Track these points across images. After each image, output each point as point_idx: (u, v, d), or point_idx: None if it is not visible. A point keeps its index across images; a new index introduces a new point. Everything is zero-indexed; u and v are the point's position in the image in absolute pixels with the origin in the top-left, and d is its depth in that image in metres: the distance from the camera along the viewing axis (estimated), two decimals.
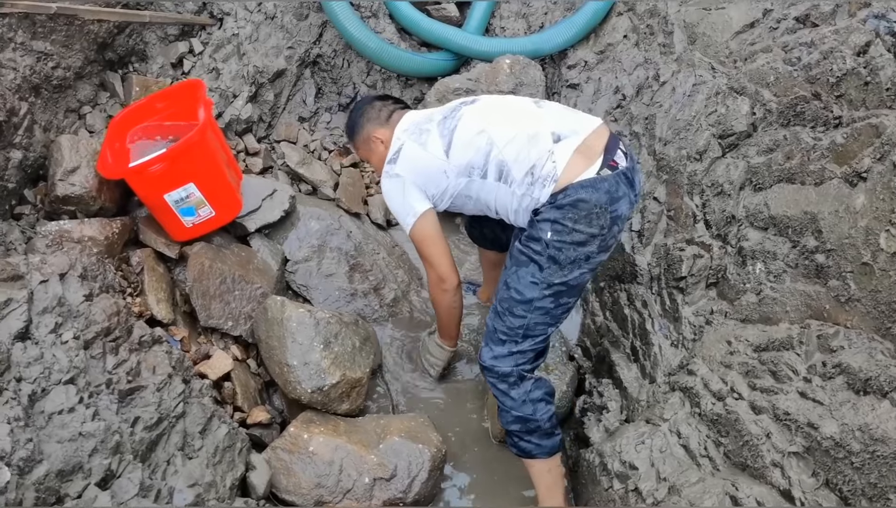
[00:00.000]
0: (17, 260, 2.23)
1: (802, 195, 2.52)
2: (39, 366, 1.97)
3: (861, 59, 2.50)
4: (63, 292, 2.23)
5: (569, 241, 2.43)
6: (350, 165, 3.74)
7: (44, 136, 3.02)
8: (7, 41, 2.85)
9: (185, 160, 2.75)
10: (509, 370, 2.53)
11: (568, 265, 2.46)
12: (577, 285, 2.54)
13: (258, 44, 3.64)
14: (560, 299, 2.52)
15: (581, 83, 3.91)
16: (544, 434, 2.58)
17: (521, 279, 2.49)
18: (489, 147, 2.48)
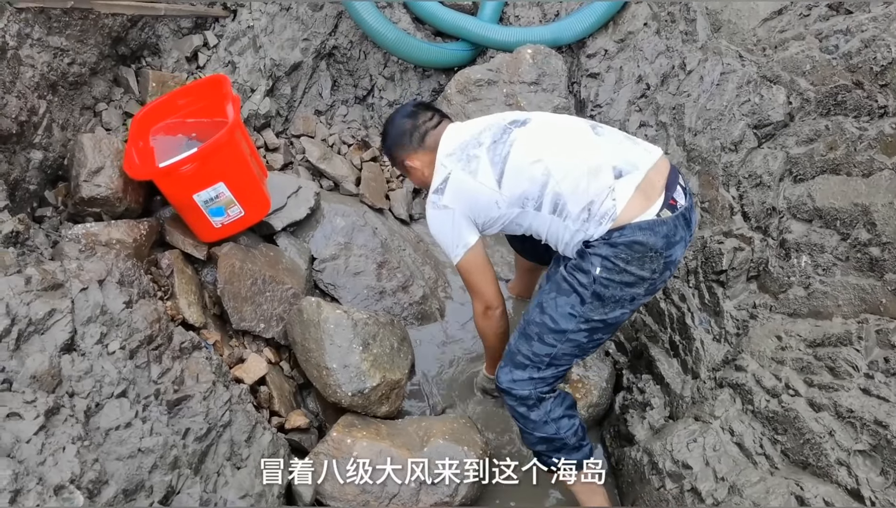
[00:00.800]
0: (54, 267, 2.15)
1: (850, 187, 2.49)
2: (90, 380, 1.90)
3: None
4: (104, 299, 2.15)
5: (617, 280, 2.32)
6: (370, 159, 3.66)
7: (62, 135, 2.92)
8: (24, 37, 2.74)
9: (216, 160, 2.67)
10: (527, 393, 2.45)
11: (611, 304, 2.36)
12: (615, 324, 2.46)
13: (274, 36, 3.55)
14: (594, 335, 2.43)
15: (602, 72, 3.85)
16: (572, 450, 2.52)
17: (558, 308, 2.38)
18: (545, 178, 2.31)
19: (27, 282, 1.98)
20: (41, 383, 1.77)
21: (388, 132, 2.59)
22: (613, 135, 2.49)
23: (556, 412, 2.48)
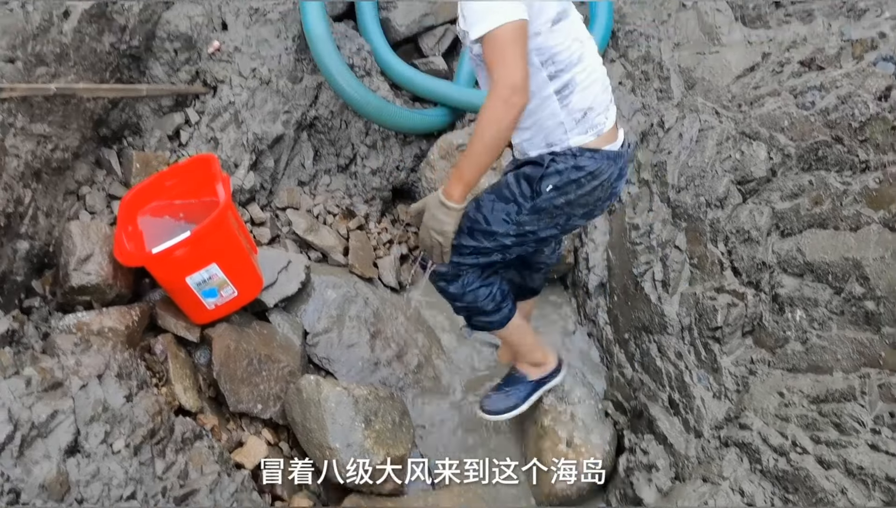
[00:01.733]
0: (52, 364, 2.11)
1: (840, 241, 2.54)
2: (98, 483, 1.85)
3: (885, 104, 2.55)
4: (104, 395, 2.11)
5: (562, 202, 2.34)
6: (357, 227, 3.66)
7: (47, 222, 2.88)
8: (8, 127, 2.71)
9: (208, 242, 2.64)
10: (445, 270, 2.54)
11: (546, 219, 2.39)
12: (545, 239, 2.53)
13: (255, 110, 3.56)
14: (522, 242, 2.47)
15: None
16: (491, 312, 2.67)
17: (494, 211, 2.38)
18: (576, 59, 2.22)
19: (27, 384, 1.93)
20: (50, 492, 1.72)
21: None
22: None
23: (473, 284, 2.58)
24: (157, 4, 3.41)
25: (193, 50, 3.54)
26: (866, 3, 3.35)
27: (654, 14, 3.96)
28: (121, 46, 3.26)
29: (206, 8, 3.63)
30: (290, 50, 3.71)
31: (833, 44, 3.07)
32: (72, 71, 3.04)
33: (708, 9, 3.86)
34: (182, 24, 3.49)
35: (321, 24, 3.61)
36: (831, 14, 3.47)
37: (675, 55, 3.76)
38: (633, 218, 3.41)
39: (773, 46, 3.41)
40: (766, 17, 3.82)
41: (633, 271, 3.29)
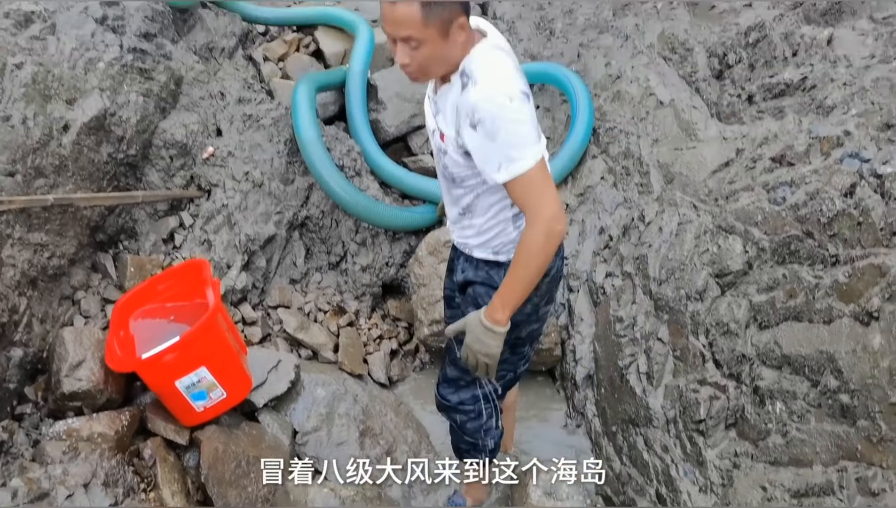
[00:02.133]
0: (39, 474, 2.15)
1: (814, 334, 2.60)
2: None
3: (850, 200, 2.64)
4: (90, 504, 2.13)
5: (528, 308, 2.33)
6: (347, 324, 3.73)
7: (41, 328, 2.95)
8: (5, 238, 2.82)
9: (198, 346, 2.71)
10: (472, 408, 2.66)
11: (523, 324, 2.42)
12: (534, 336, 2.59)
13: (247, 212, 3.67)
14: (518, 350, 2.53)
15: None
16: (489, 452, 2.81)
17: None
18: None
19: (14, 496, 1.97)
20: None
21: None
22: None
23: (490, 423, 2.71)
24: (154, 115, 3.57)
25: (188, 156, 3.68)
26: (833, 101, 3.50)
27: (633, 111, 4.11)
28: (118, 156, 3.40)
29: (202, 116, 3.79)
30: (281, 153, 3.85)
31: (802, 141, 3.18)
32: (70, 181, 3.17)
33: (684, 106, 4.01)
34: (178, 133, 3.63)
35: (312, 129, 3.77)
36: (801, 111, 3.61)
37: (653, 151, 3.89)
38: (617, 310, 3.47)
39: (747, 142, 3.53)
40: (740, 113, 3.97)
41: (618, 363, 3.33)
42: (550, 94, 4.53)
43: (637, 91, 4.19)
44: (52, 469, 2.18)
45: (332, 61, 4.86)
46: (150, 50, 3.61)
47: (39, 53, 3.14)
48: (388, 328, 3.84)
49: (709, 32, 4.34)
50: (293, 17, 4.98)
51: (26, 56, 3.06)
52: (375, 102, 4.46)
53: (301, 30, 5.11)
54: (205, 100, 3.86)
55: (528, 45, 4.98)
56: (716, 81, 4.17)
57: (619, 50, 4.52)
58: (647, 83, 4.18)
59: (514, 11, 5.40)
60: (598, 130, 4.18)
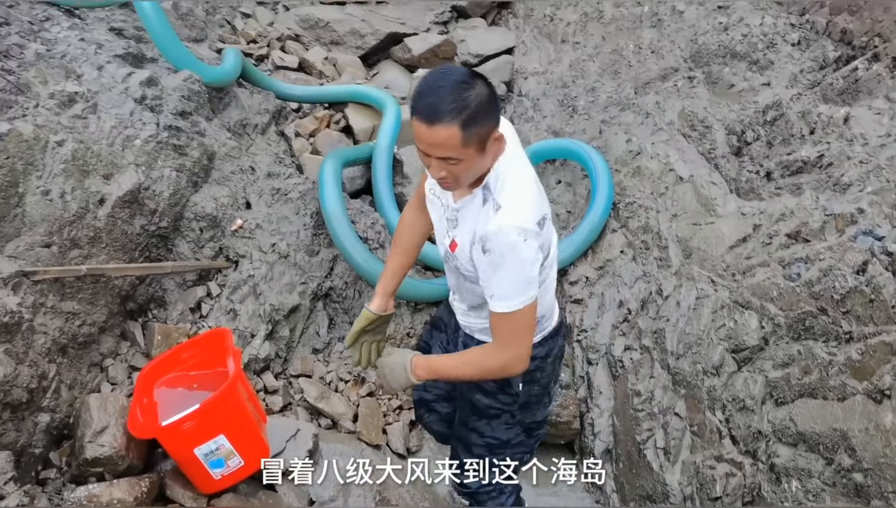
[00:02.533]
0: None
1: (828, 411, 2.59)
2: None
3: (862, 278, 2.66)
4: None
5: (537, 389, 2.51)
6: (367, 394, 3.77)
7: (69, 394, 3.04)
8: (39, 307, 2.93)
9: (217, 413, 2.77)
10: (491, 487, 2.68)
11: (535, 406, 2.56)
12: (547, 417, 2.73)
13: (273, 282, 3.77)
14: (533, 433, 2.66)
15: (585, 298, 4.06)
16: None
17: (495, 429, 2.57)
18: (546, 281, 2.30)
19: None
20: None
21: (479, 95, 1.90)
22: None
23: (509, 501, 2.74)
24: (186, 188, 3.72)
25: (218, 228, 3.81)
26: (850, 178, 3.54)
27: (653, 187, 4.18)
28: (150, 228, 3.54)
29: (232, 189, 3.94)
30: (307, 226, 3.97)
31: (817, 217, 3.22)
32: (103, 252, 3.30)
33: (703, 182, 4.07)
34: (208, 206, 3.77)
35: (336, 203, 3.89)
36: (818, 188, 3.65)
37: (672, 225, 3.94)
38: (635, 384, 3.48)
39: (764, 218, 3.57)
40: (759, 189, 4.01)
41: (636, 437, 3.32)
42: (572, 169, 4.63)
43: (657, 167, 4.26)
44: None
45: (360, 137, 5.03)
46: (185, 127, 3.78)
47: (80, 131, 3.31)
48: (407, 398, 3.87)
49: (728, 110, 4.42)
50: (324, 94, 5.18)
51: (68, 134, 3.23)
52: (401, 176, 4.60)
53: (332, 107, 5.31)
54: (235, 174, 4.02)
55: (552, 121, 5.11)
56: (734, 158, 4.23)
57: (639, 127, 4.61)
58: (667, 159, 4.26)
59: (538, 89, 5.57)
60: (618, 205, 4.25)
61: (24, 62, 3.40)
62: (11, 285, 2.79)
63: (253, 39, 5.85)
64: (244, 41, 5.79)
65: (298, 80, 5.50)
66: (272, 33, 6.00)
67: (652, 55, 5.09)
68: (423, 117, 1.88)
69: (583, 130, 4.84)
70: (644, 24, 5.36)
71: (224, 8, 6.00)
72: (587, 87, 5.18)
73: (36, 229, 3.00)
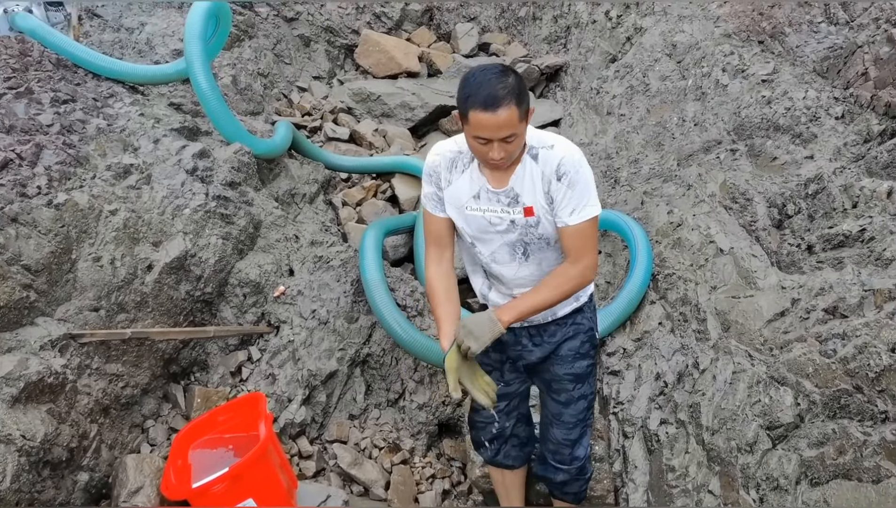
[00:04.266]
0: None
1: (862, 494, 2.51)
2: None
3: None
4: None
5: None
6: (400, 462, 3.78)
7: (109, 454, 3.14)
8: (84, 368, 3.07)
9: (246, 477, 2.83)
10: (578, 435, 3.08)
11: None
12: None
13: (312, 348, 3.86)
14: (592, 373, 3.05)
15: (622, 370, 4.03)
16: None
17: (593, 385, 3.00)
18: None
19: None
20: None
21: (517, 78, 2.30)
22: None
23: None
24: (232, 256, 3.86)
25: (261, 294, 3.93)
26: (892, 253, 3.48)
27: (693, 259, 4.17)
28: (195, 293, 3.67)
29: (276, 257, 4.07)
30: (348, 293, 4.06)
31: (855, 293, 3.17)
32: (149, 316, 3.44)
33: (744, 254, 4.04)
34: (252, 273, 3.91)
35: (376, 271, 3.98)
36: (860, 262, 3.59)
37: (711, 298, 3.91)
38: (670, 459, 3.42)
39: (804, 293, 3.52)
40: (800, 262, 3.97)
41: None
42: (612, 240, 4.65)
43: (697, 239, 4.26)
44: None
45: (405, 206, 5.16)
46: (233, 197, 3.95)
47: (133, 201, 3.50)
48: (441, 467, 3.87)
49: (770, 183, 4.40)
50: (371, 165, 5.34)
51: (121, 203, 3.42)
52: None
53: (379, 177, 5.46)
54: (280, 242, 4.16)
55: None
56: (776, 231, 4.20)
57: (681, 198, 4.62)
58: (708, 231, 4.25)
59: None
60: (657, 277, 4.24)
61: (85, 136, 3.62)
62: (59, 347, 2.93)
63: (307, 112, 6.09)
64: (299, 114, 6.04)
65: (349, 151, 5.69)
66: (326, 106, 6.23)
67: (695, 127, 5.13)
68: (485, 106, 2.22)
69: (625, 200, 4.87)
70: (688, 98, 5.40)
71: (281, 83, 6.28)
72: (630, 158, 5.22)
73: (85, 293, 3.15)
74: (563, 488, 3.17)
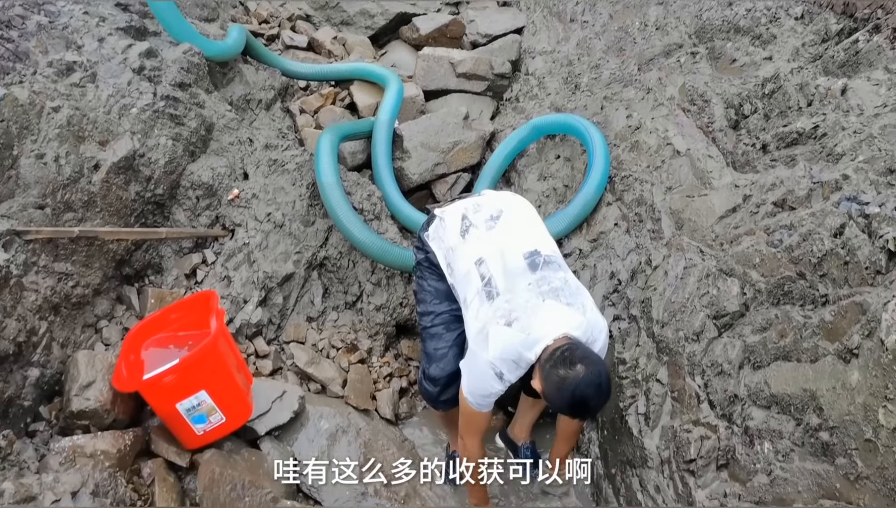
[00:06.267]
0: (31, 480, 2.27)
1: (800, 373, 2.58)
2: None
3: (838, 240, 2.64)
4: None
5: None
6: (358, 361, 3.82)
7: (61, 352, 3.13)
8: (30, 265, 3.02)
9: (197, 369, 2.84)
10: None
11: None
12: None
13: (268, 251, 3.84)
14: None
15: (578, 270, 4.06)
16: None
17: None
18: None
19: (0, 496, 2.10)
20: None
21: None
22: None
23: None
24: (183, 157, 3.79)
25: (214, 197, 3.89)
26: (843, 148, 3.50)
27: (650, 161, 4.17)
28: (146, 194, 3.62)
29: (230, 160, 4.01)
30: (303, 197, 4.03)
31: (804, 186, 3.19)
32: (98, 216, 3.38)
33: (700, 155, 4.05)
34: (205, 175, 3.85)
35: (331, 174, 3.94)
36: (812, 158, 3.61)
37: (666, 198, 3.93)
38: (621, 353, 3.48)
39: (755, 189, 3.54)
40: (755, 162, 3.98)
41: (619, 404, 3.33)
42: (571, 144, 4.63)
43: (655, 141, 4.25)
44: (45, 476, 2.31)
45: (364, 113, 5.08)
46: (182, 98, 3.86)
47: (77, 99, 3.40)
48: (399, 366, 3.92)
49: (728, 85, 4.38)
50: (329, 72, 5.23)
51: (64, 101, 3.32)
52: (401, 151, 4.63)
53: (338, 84, 5.36)
54: (234, 145, 4.09)
55: (555, 98, 5.11)
56: (732, 131, 4.20)
57: (640, 102, 4.60)
58: (665, 134, 4.24)
59: (545, 68, 5.57)
60: (613, 179, 4.24)
61: (25, 32, 3.49)
62: (2, 242, 2.88)
63: (265, 20, 5.93)
64: (256, 21, 5.87)
65: (307, 59, 5.57)
66: (283, 14, 6.07)
67: (657, 32, 5.06)
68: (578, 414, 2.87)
69: (584, 106, 4.83)
70: (651, 2, 5.32)
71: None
72: (591, 64, 5.17)
73: (29, 191, 3.09)
74: None
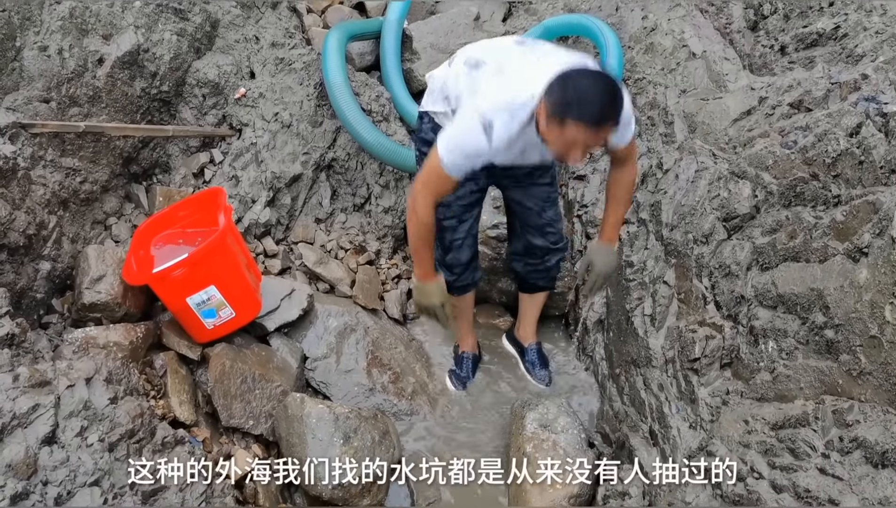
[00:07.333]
0: (45, 366, 2.31)
1: (808, 273, 2.57)
2: (65, 469, 2.02)
3: (854, 140, 2.59)
4: (89, 395, 2.30)
5: None
6: (366, 262, 3.84)
7: (72, 247, 3.15)
8: (38, 159, 3.02)
9: (206, 264, 2.86)
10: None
11: None
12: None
13: (275, 151, 3.81)
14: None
15: (588, 174, 4.03)
16: None
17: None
18: None
19: (14, 379, 2.14)
20: (16, 471, 1.90)
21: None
22: None
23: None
24: (188, 54, 3.73)
25: (221, 95, 3.84)
26: (863, 49, 3.41)
27: (664, 63, 4.08)
28: (151, 91, 3.57)
29: (236, 58, 3.94)
30: (311, 96, 3.97)
31: (821, 87, 3.12)
32: (103, 112, 3.35)
33: (716, 58, 3.95)
34: (211, 73, 3.79)
35: (339, 74, 3.87)
36: (831, 60, 3.53)
37: (680, 101, 3.86)
38: (629, 256, 3.48)
39: (771, 91, 3.47)
40: (772, 64, 3.90)
41: (625, 306, 3.35)
42: (584, 46, 4.52)
43: (670, 43, 4.14)
44: (59, 363, 2.35)
45: (373, 14, 4.96)
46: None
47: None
48: (407, 268, 3.94)
49: None
50: None
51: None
52: (410, 52, 4.54)
53: None
54: (240, 43, 4.01)
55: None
56: (750, 33, 4.10)
57: (656, 2, 4.46)
58: (682, 35, 4.13)
59: None
60: (627, 81, 4.16)
61: None
62: (9, 135, 2.87)
63: None
64: None
65: None
66: None
67: None
68: (592, 124, 2.30)
69: (599, 6, 4.70)
70: None
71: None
72: None
73: (34, 84, 3.05)
74: (552, 272, 3.43)
